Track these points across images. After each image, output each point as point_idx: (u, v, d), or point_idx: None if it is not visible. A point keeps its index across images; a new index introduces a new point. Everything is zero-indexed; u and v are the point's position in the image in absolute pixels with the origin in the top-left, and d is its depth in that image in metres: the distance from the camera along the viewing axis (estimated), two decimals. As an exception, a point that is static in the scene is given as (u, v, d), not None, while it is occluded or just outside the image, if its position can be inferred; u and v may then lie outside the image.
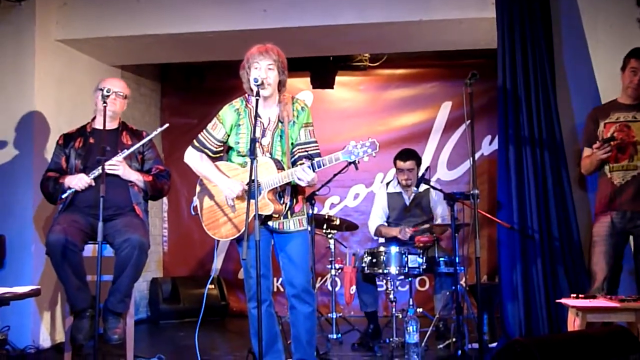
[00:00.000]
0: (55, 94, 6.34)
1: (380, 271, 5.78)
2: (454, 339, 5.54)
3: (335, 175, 5.82)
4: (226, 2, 6.21)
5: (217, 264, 8.29)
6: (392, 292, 5.75)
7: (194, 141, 4.40)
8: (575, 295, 4.59)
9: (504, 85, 5.58)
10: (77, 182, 4.95)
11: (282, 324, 4.78)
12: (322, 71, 8.12)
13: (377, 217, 6.74)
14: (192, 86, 8.60)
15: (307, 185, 4.16)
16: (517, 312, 5.38)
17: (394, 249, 5.76)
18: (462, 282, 5.90)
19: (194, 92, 8.61)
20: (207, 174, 4.34)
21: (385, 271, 5.74)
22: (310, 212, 5.54)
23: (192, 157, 4.40)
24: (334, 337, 6.21)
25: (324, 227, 6.40)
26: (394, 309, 5.75)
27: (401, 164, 6.51)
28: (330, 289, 6.61)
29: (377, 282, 6.34)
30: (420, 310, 6.03)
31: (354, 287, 6.45)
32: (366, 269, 5.89)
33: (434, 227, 6.33)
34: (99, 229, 4.41)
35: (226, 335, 7.07)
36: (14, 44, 6.14)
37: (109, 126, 5.00)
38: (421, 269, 5.78)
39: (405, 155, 6.54)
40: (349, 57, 8.05)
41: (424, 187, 6.01)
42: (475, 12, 5.91)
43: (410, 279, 5.97)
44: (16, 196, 6.03)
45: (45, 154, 6.06)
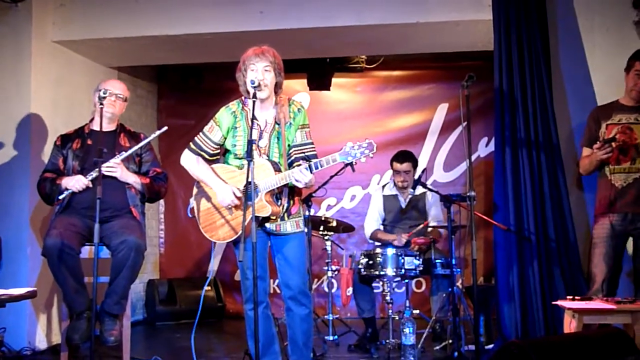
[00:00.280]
0: (51, 95, 6.34)
1: (376, 273, 5.78)
2: (450, 341, 5.54)
3: (332, 176, 5.82)
4: (223, 3, 6.21)
5: (214, 265, 8.28)
6: (388, 293, 5.75)
7: (191, 144, 4.39)
8: (571, 297, 4.60)
9: (500, 87, 5.59)
10: (75, 183, 4.95)
11: (278, 325, 4.79)
12: (319, 73, 8.12)
13: (372, 221, 6.74)
14: (189, 87, 8.58)
15: (304, 186, 4.16)
16: (514, 313, 5.39)
17: (391, 251, 5.75)
18: (459, 284, 5.88)
19: (191, 94, 8.60)
20: (203, 177, 4.34)
21: (381, 273, 5.74)
22: (306, 214, 5.54)
23: (188, 160, 4.39)
24: (331, 338, 6.21)
25: (321, 228, 6.41)
26: (390, 311, 5.75)
27: (398, 166, 6.51)
28: (326, 290, 6.61)
29: (374, 284, 6.33)
30: (416, 311, 6.04)
31: (350, 289, 6.44)
32: (363, 270, 5.89)
33: (430, 230, 6.34)
34: (96, 231, 4.41)
35: (222, 336, 7.06)
36: (11, 45, 6.13)
37: (107, 128, 5.00)
38: (417, 271, 5.78)
39: (401, 157, 6.53)
40: (346, 58, 8.06)
41: (420, 189, 6.02)
42: (471, 14, 5.92)
43: (406, 281, 5.97)
44: (13, 197, 6.02)
45: (42, 155, 6.05)
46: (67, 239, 4.70)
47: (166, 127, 5.23)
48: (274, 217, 4.23)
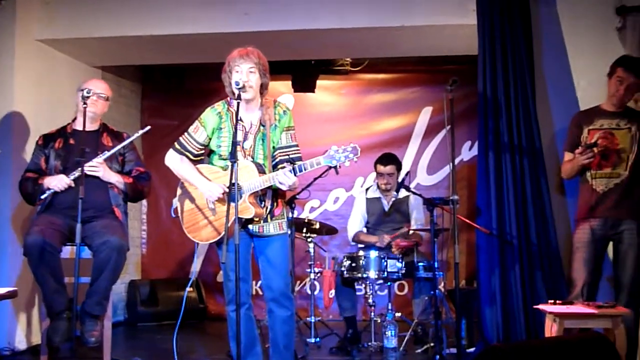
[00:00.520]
0: (35, 94, 6.29)
1: (359, 275, 5.80)
2: (432, 344, 5.55)
3: (315, 179, 5.81)
4: (208, 4, 6.20)
5: (196, 266, 8.26)
6: (371, 296, 5.77)
7: (175, 144, 4.38)
8: (552, 301, 4.62)
9: (484, 91, 5.61)
10: (57, 182, 4.92)
11: (260, 327, 4.78)
12: (303, 75, 8.13)
13: (355, 223, 6.74)
14: (173, 88, 8.57)
15: (288, 189, 4.17)
16: (495, 317, 5.40)
17: (374, 254, 5.77)
18: (441, 287, 5.91)
19: (174, 94, 8.58)
20: (188, 176, 4.33)
21: (364, 275, 5.76)
22: (290, 216, 5.54)
23: (172, 159, 4.38)
24: (313, 341, 6.20)
25: (304, 230, 6.41)
26: (372, 313, 5.76)
27: (381, 169, 6.52)
28: (309, 292, 6.61)
29: (356, 287, 6.35)
30: (398, 314, 6.04)
31: (333, 291, 6.45)
32: (345, 273, 5.90)
33: (411, 233, 6.35)
34: (77, 231, 4.39)
35: (204, 338, 7.05)
36: (-6, 43, 6.09)
37: (89, 127, 4.97)
38: (400, 274, 5.80)
39: (385, 159, 6.55)
40: (331, 61, 8.07)
41: (403, 192, 6.03)
42: (456, 19, 5.94)
43: (389, 284, 5.99)
44: (-7, 196, 5.98)
45: (23, 154, 6.01)
46: (49, 237, 4.67)
47: (149, 127, 5.21)
48: (257, 219, 4.23)
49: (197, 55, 7.06)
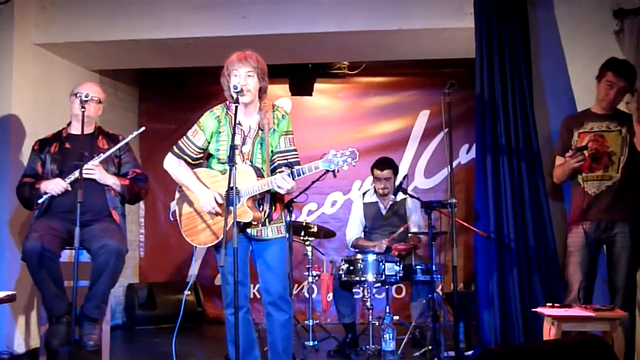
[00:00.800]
0: (32, 98, 6.29)
1: (357, 279, 5.80)
2: (430, 347, 5.56)
3: (313, 182, 5.82)
4: (206, 8, 6.20)
5: (195, 270, 8.25)
6: (368, 299, 5.77)
7: (174, 147, 4.39)
8: (550, 304, 4.62)
9: (481, 94, 5.61)
10: (54, 186, 4.92)
11: (259, 330, 4.78)
12: (301, 78, 8.13)
13: (353, 229, 6.76)
14: (170, 92, 8.56)
15: (285, 193, 4.18)
16: (493, 320, 5.40)
17: (371, 257, 5.77)
18: (439, 290, 5.92)
19: (172, 98, 8.58)
20: (186, 181, 4.33)
21: (362, 279, 5.76)
22: (288, 220, 5.55)
23: (171, 163, 4.38)
24: (311, 344, 6.21)
25: (302, 234, 6.40)
26: (370, 317, 5.76)
27: (378, 173, 6.53)
28: (307, 296, 6.61)
29: (354, 290, 6.35)
30: (396, 317, 6.04)
31: (331, 295, 6.45)
32: (343, 276, 5.90)
33: (409, 235, 6.35)
34: (76, 235, 4.40)
35: (202, 341, 7.04)
36: (-8, 47, 6.09)
37: (84, 131, 4.97)
38: (398, 277, 5.81)
39: (382, 164, 6.55)
40: (328, 64, 8.07)
41: (400, 195, 6.03)
42: (454, 22, 5.94)
43: (387, 287, 5.98)
44: (-9, 201, 5.97)
45: (21, 157, 6.00)
46: (47, 243, 4.67)
47: (144, 128, 5.22)
48: (256, 223, 4.23)
49: (194, 59, 7.05)
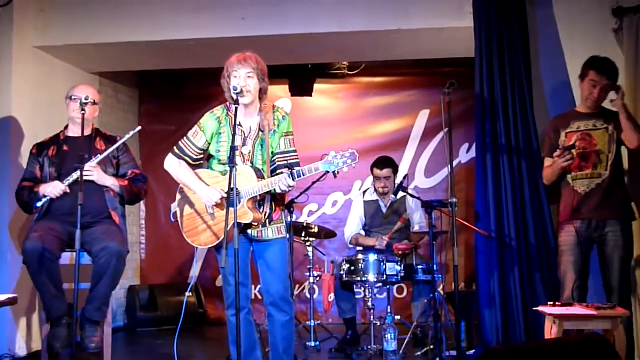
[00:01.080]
0: (32, 101, 6.29)
1: (358, 279, 5.80)
2: (432, 347, 5.55)
3: (313, 183, 5.83)
4: (205, 10, 6.19)
5: (196, 271, 8.25)
6: (370, 299, 5.77)
7: (174, 148, 4.39)
8: (552, 303, 4.62)
9: (481, 93, 5.61)
10: (52, 189, 4.93)
11: (260, 331, 4.78)
12: (300, 79, 8.12)
13: (353, 226, 6.76)
14: (170, 93, 8.55)
15: (284, 192, 4.17)
16: (495, 319, 5.40)
17: (372, 257, 5.77)
18: (440, 290, 5.92)
19: (172, 100, 8.57)
20: (187, 181, 4.33)
21: (363, 279, 5.76)
22: (288, 220, 5.55)
23: (171, 164, 4.38)
24: (312, 344, 6.20)
25: (303, 234, 6.40)
26: (372, 317, 5.76)
27: (378, 172, 6.54)
28: (308, 296, 6.60)
29: (356, 290, 6.35)
30: (398, 317, 6.04)
31: (332, 295, 6.45)
32: (344, 276, 5.90)
33: (411, 235, 6.35)
34: (77, 237, 4.39)
35: (204, 343, 7.03)
36: (-9, 50, 6.09)
37: (83, 133, 4.97)
38: (399, 277, 5.80)
39: (382, 163, 6.56)
40: (328, 65, 8.07)
41: (401, 194, 6.03)
42: (453, 22, 5.94)
43: (388, 287, 5.98)
44: (-8, 204, 5.97)
45: (21, 160, 6.00)
46: (48, 244, 4.68)
47: (140, 127, 5.22)
48: (256, 224, 4.23)
49: (194, 60, 7.05)
